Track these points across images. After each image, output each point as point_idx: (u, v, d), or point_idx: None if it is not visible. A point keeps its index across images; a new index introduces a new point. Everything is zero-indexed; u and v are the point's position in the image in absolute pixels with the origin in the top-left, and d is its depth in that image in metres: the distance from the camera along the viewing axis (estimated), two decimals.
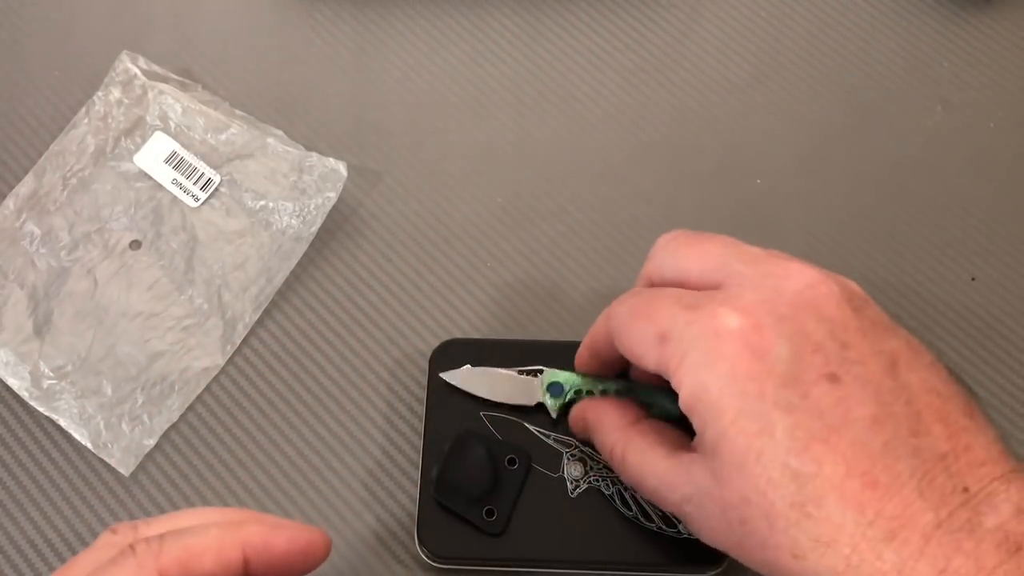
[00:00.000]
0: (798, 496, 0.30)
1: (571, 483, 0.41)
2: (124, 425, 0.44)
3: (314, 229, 0.48)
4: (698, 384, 0.32)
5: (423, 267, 0.49)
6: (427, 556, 0.41)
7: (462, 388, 0.43)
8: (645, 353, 0.34)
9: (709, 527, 0.33)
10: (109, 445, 0.44)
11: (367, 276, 0.48)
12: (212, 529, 0.31)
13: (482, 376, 0.43)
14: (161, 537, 0.30)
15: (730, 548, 0.33)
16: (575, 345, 0.41)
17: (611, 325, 0.36)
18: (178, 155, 0.50)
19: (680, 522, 0.41)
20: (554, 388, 0.42)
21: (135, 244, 0.48)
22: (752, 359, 0.31)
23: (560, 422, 0.42)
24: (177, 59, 0.54)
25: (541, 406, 0.42)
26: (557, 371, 0.42)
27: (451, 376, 0.43)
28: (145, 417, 0.45)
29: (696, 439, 0.33)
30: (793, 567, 0.30)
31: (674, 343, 0.33)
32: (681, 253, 0.36)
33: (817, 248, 0.49)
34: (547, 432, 0.42)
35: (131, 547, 0.30)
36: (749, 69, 0.54)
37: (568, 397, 0.42)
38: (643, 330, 0.34)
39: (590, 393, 0.41)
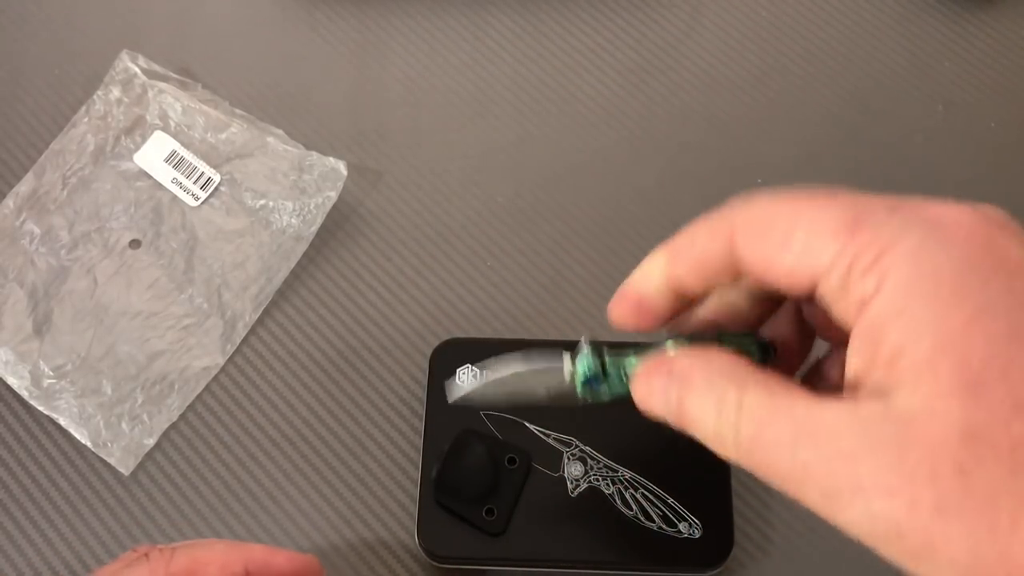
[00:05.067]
0: None
1: (571, 483, 0.41)
2: (124, 424, 0.44)
3: (314, 228, 0.48)
4: (920, 273, 0.23)
5: (423, 267, 0.49)
6: (427, 556, 0.41)
7: (474, 402, 0.35)
8: (816, 247, 0.25)
9: (876, 479, 0.23)
10: (109, 444, 0.44)
11: (367, 276, 0.48)
12: (218, 544, 0.36)
13: (495, 385, 0.34)
14: (173, 548, 0.35)
15: (906, 516, 0.22)
16: (575, 345, 0.41)
17: (745, 219, 0.27)
18: (178, 154, 0.50)
19: (680, 522, 0.41)
20: (591, 381, 0.32)
21: (135, 243, 0.48)
22: (991, 256, 0.23)
23: (568, 415, 0.42)
24: (177, 58, 0.54)
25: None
26: (585, 354, 0.32)
27: (456, 390, 0.35)
28: (145, 416, 0.45)
29: (885, 355, 0.24)
30: None
31: (874, 228, 0.24)
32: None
33: None
34: (547, 432, 0.42)
35: (146, 554, 0.34)
36: (749, 69, 0.54)
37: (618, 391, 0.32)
38: (821, 215, 0.25)
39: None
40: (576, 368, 0.32)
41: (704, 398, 0.27)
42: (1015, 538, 0.21)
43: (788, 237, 0.26)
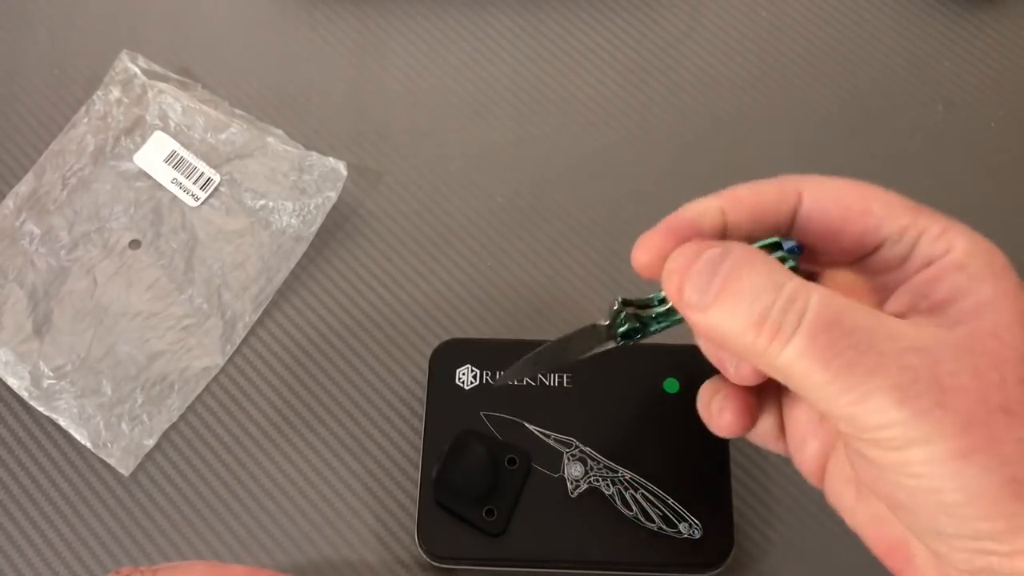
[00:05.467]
0: None
1: (571, 483, 0.41)
2: (124, 425, 0.44)
3: (314, 229, 0.48)
4: (977, 248, 0.28)
5: (423, 267, 0.49)
6: (427, 556, 0.41)
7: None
8: (892, 217, 0.29)
9: (952, 378, 0.26)
10: (109, 445, 0.44)
11: (367, 276, 0.48)
12: (199, 565, 0.36)
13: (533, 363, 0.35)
14: (155, 570, 0.35)
15: (978, 408, 0.25)
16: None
17: (819, 187, 0.31)
18: (178, 154, 0.50)
19: (680, 522, 0.41)
20: (624, 321, 0.32)
21: (135, 243, 0.48)
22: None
23: (567, 412, 0.42)
24: (177, 58, 0.54)
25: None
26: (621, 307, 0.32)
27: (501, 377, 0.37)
28: (145, 417, 0.45)
29: (949, 297, 0.28)
30: None
31: (933, 214, 0.29)
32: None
33: None
34: (547, 432, 0.42)
35: (129, 574, 0.35)
36: (749, 69, 0.54)
37: (655, 323, 0.32)
38: (890, 197, 0.30)
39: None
40: (616, 319, 0.32)
41: (761, 276, 0.27)
42: None
43: (867, 206, 0.30)
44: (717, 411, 0.32)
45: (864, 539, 0.31)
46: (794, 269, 0.29)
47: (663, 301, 0.31)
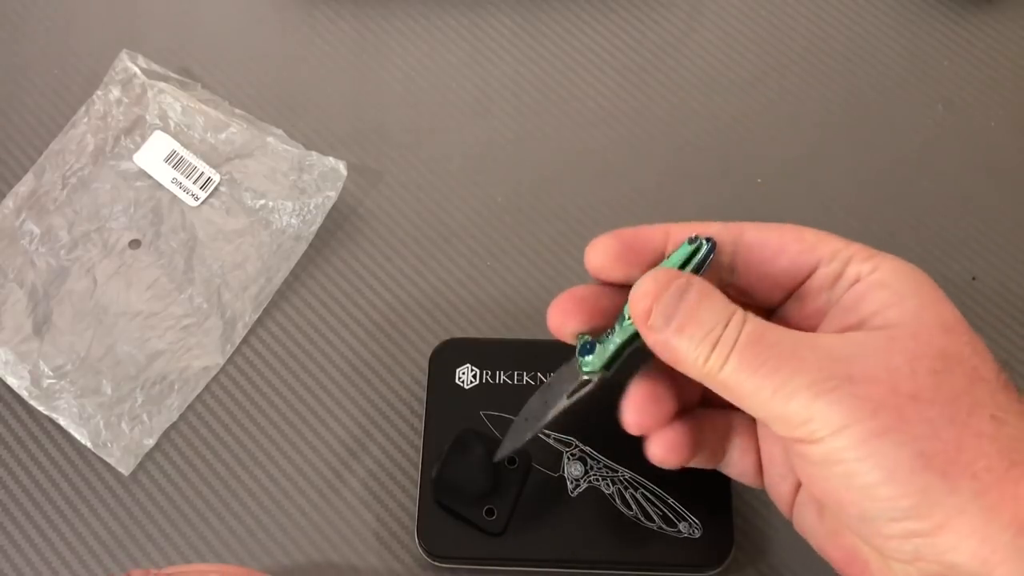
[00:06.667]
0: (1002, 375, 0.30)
1: (571, 483, 0.41)
2: (124, 424, 0.44)
3: (314, 228, 0.48)
4: (902, 269, 0.32)
5: (423, 267, 0.49)
6: (427, 556, 0.41)
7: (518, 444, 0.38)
8: (823, 243, 0.33)
9: (864, 372, 0.29)
10: (109, 444, 0.44)
11: (367, 276, 0.48)
12: (212, 572, 0.37)
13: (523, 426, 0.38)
14: (168, 574, 0.36)
15: (888, 395, 0.29)
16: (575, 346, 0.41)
17: (756, 225, 0.35)
18: (178, 154, 0.50)
19: (680, 522, 0.41)
20: (586, 347, 0.35)
21: (134, 243, 0.48)
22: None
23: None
24: (177, 58, 0.54)
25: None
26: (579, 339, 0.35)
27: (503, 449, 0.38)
28: (145, 416, 0.45)
29: (874, 309, 0.32)
30: (986, 429, 0.29)
31: (863, 244, 0.33)
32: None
33: None
34: (547, 432, 0.42)
35: None
36: (749, 69, 0.54)
37: (616, 340, 0.34)
38: (822, 231, 0.34)
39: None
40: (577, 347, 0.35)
41: (716, 310, 0.31)
42: (968, 429, 0.28)
43: (801, 235, 0.34)
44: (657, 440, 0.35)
45: (828, 558, 0.35)
46: (706, 261, 0.33)
47: (620, 321, 0.34)
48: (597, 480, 0.41)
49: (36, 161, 0.50)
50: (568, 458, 0.42)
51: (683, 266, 0.33)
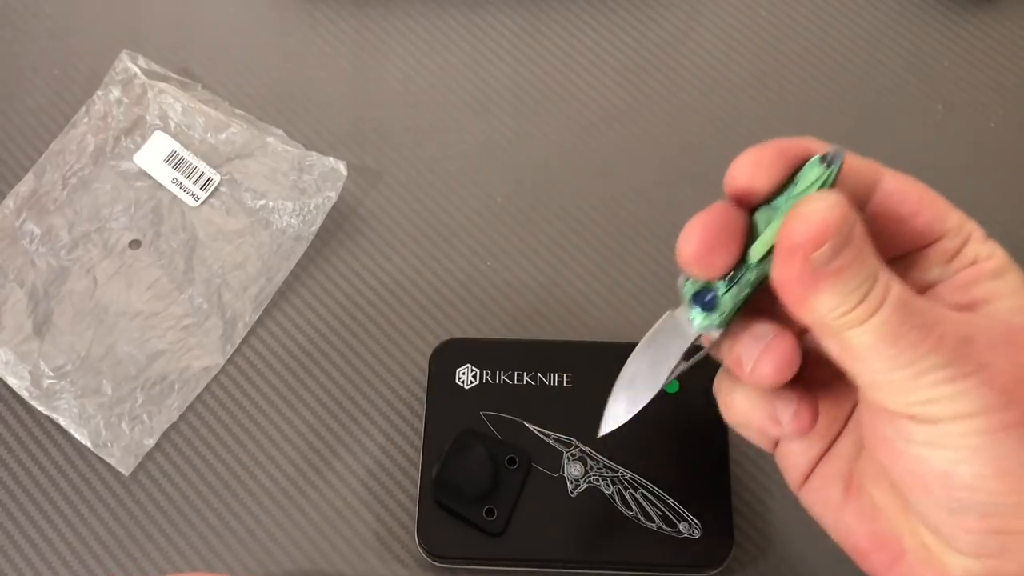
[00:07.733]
0: None
1: (571, 483, 0.41)
2: (124, 425, 0.44)
3: (314, 228, 0.48)
4: (1010, 260, 0.32)
5: (423, 267, 0.49)
6: (427, 556, 0.41)
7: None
8: (954, 215, 0.32)
9: (1000, 363, 0.28)
10: (109, 445, 0.44)
11: (367, 276, 0.48)
12: None
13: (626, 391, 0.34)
14: None
15: (1018, 389, 0.28)
16: (576, 345, 0.41)
17: (900, 177, 0.34)
18: (178, 154, 0.50)
19: (680, 522, 0.41)
20: (704, 296, 0.31)
21: (135, 243, 0.48)
22: None
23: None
24: (177, 58, 0.54)
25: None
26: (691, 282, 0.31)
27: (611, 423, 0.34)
28: (145, 417, 0.45)
29: (987, 296, 0.31)
30: None
31: (978, 228, 0.33)
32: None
33: None
34: (547, 432, 0.42)
35: None
36: (749, 69, 0.54)
37: (749, 278, 0.30)
38: (948, 205, 0.33)
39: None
40: (683, 291, 0.31)
41: (867, 266, 0.29)
42: None
43: (936, 198, 0.33)
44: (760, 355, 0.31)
45: (844, 538, 0.32)
46: (838, 172, 0.30)
47: (747, 258, 0.30)
48: (597, 480, 0.41)
49: (36, 161, 0.50)
50: (568, 458, 0.42)
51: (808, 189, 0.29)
